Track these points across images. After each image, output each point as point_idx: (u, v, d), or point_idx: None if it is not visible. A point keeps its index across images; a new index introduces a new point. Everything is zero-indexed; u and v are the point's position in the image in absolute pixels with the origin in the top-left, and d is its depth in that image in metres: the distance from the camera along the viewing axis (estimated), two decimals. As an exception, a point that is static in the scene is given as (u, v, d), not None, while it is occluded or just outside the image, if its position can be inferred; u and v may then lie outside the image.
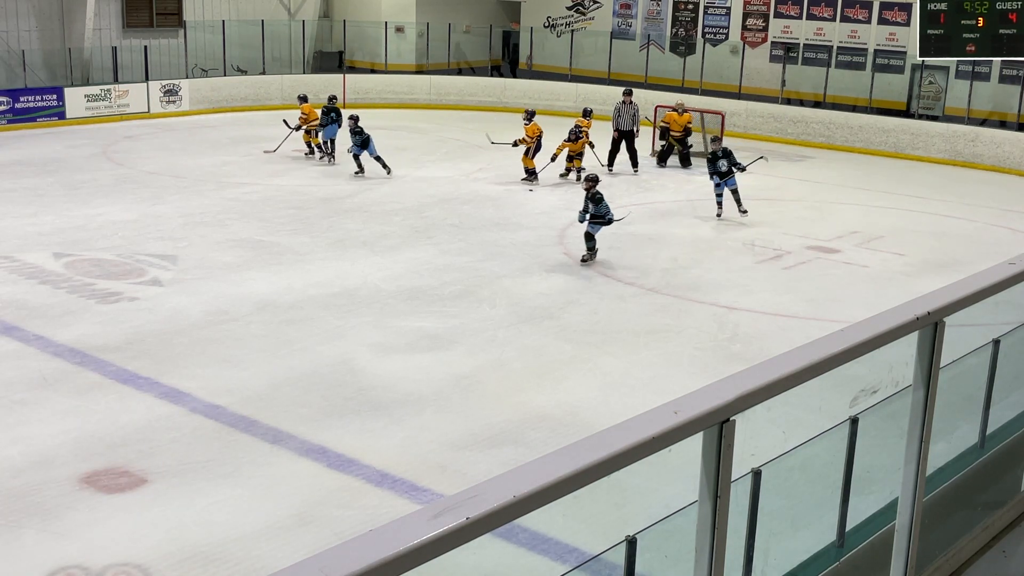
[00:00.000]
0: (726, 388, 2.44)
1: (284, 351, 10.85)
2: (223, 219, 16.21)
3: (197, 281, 13.08)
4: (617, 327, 11.96)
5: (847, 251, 15.56)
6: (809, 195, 19.68)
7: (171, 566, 6.94)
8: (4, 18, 24.71)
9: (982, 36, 6.54)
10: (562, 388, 10.14)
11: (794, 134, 25.67)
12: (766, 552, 3.64)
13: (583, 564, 6.14)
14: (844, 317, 11.29)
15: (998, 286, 3.40)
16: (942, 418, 3.45)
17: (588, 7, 32.08)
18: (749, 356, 10.72)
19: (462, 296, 12.86)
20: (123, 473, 8.18)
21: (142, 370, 10.22)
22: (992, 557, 3.95)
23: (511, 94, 29.18)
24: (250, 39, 28.41)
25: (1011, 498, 4.32)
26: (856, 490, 3.93)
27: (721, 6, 29.49)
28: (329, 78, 28.74)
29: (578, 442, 2.15)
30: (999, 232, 17.27)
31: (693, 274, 14.15)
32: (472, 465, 8.46)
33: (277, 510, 7.69)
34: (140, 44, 26.21)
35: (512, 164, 20.92)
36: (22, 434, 8.78)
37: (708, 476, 2.49)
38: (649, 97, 26.74)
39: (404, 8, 31.46)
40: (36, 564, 6.93)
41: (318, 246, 14.90)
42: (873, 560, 3.72)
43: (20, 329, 11.22)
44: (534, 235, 15.83)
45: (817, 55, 27.54)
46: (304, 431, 9.00)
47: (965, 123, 23.86)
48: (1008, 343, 4.64)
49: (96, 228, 15.41)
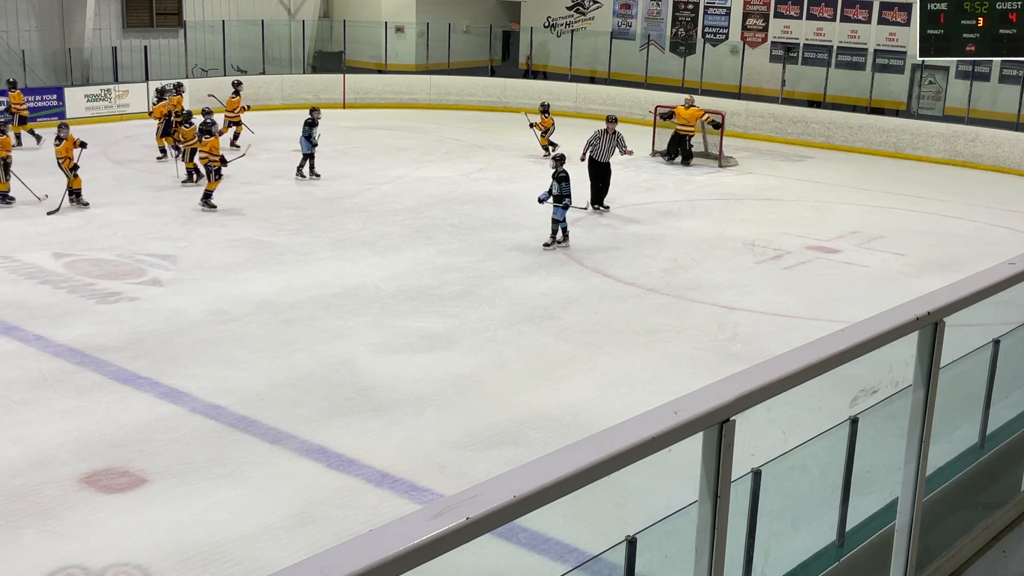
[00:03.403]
0: (726, 388, 2.44)
1: (284, 351, 10.85)
2: (223, 219, 16.21)
3: (197, 281, 13.08)
4: (617, 327, 11.96)
5: (847, 251, 15.56)
6: (809, 195, 19.68)
7: (171, 566, 6.94)
8: (4, 18, 24.72)
9: (982, 36, 6.54)
10: (562, 388, 10.14)
11: (794, 134, 25.67)
12: (766, 552, 3.63)
13: (583, 564, 6.14)
14: (844, 317, 11.29)
15: (998, 286, 3.40)
16: (942, 418, 3.45)
17: (588, 7, 32.08)
18: (749, 356, 10.72)
19: (462, 296, 12.86)
20: (123, 473, 8.18)
21: (142, 370, 10.22)
22: (992, 557, 3.95)
23: (511, 94, 29.19)
24: (250, 39, 28.42)
25: (1011, 498, 4.32)
26: (856, 490, 3.93)
27: (721, 6, 29.49)
28: (329, 78, 28.75)
29: (578, 442, 2.15)
30: (999, 232, 17.27)
31: (693, 274, 14.15)
32: (472, 465, 8.46)
33: (277, 510, 7.69)
34: (140, 44, 26.22)
35: (512, 164, 20.95)
36: (22, 434, 8.78)
37: (708, 476, 2.49)
38: (649, 97, 26.77)
39: (404, 8, 31.48)
40: (36, 564, 6.93)
41: (318, 246, 14.90)
42: (873, 560, 3.72)
43: (20, 329, 11.22)
44: (534, 235, 15.83)
45: (817, 55, 27.55)
46: (304, 431, 9.00)
47: (965, 123, 23.87)
48: (1008, 343, 4.64)
49: (96, 228, 15.41)
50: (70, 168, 16.44)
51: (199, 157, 17.43)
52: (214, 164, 16.86)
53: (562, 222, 15.06)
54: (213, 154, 16.95)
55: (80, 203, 16.47)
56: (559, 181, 14.87)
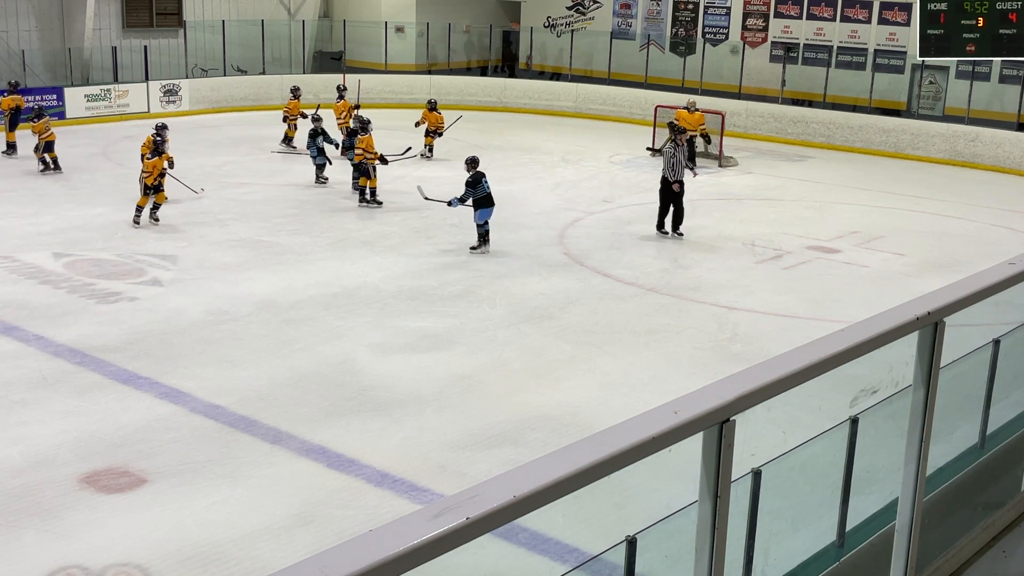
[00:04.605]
0: (726, 388, 2.44)
1: (284, 351, 10.85)
2: (223, 219, 16.21)
3: (197, 281, 13.08)
4: (617, 327, 11.96)
5: (847, 251, 15.56)
6: (809, 195, 19.68)
7: (171, 566, 6.94)
8: (4, 18, 24.71)
9: (982, 36, 6.54)
10: (562, 388, 10.14)
11: (794, 134, 25.67)
12: (766, 552, 3.63)
13: (583, 564, 6.14)
14: (844, 317, 11.29)
15: (998, 286, 3.40)
16: (942, 418, 3.45)
17: (588, 7, 32.07)
18: (749, 356, 10.72)
19: (462, 296, 12.86)
20: (123, 473, 8.18)
21: (142, 370, 10.22)
22: (992, 557, 3.95)
23: (511, 94, 29.19)
24: (250, 39, 28.42)
25: (1011, 498, 4.32)
26: (856, 490, 3.93)
27: (721, 6, 29.49)
28: (329, 78, 28.75)
29: (578, 442, 2.15)
30: (999, 232, 17.27)
31: (693, 274, 14.15)
32: (472, 465, 8.46)
33: (277, 510, 7.69)
34: (140, 44, 26.22)
35: (512, 164, 20.94)
36: (22, 434, 8.78)
37: (708, 476, 2.49)
38: (649, 97, 26.77)
39: (404, 8, 31.47)
40: (36, 564, 6.93)
41: (318, 246, 14.90)
42: (873, 560, 3.72)
43: (20, 329, 11.22)
44: (534, 235, 15.83)
45: (817, 55, 27.55)
46: (304, 431, 9.00)
47: (965, 123, 23.87)
48: (1008, 343, 4.64)
49: (96, 228, 15.41)
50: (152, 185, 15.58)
51: (356, 154, 17.42)
52: (369, 161, 17.06)
53: (483, 225, 14.73)
54: (368, 151, 17.11)
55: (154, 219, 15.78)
56: (471, 186, 14.55)
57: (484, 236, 14.75)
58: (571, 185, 19.76)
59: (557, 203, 18.12)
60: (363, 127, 17.32)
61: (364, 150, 17.06)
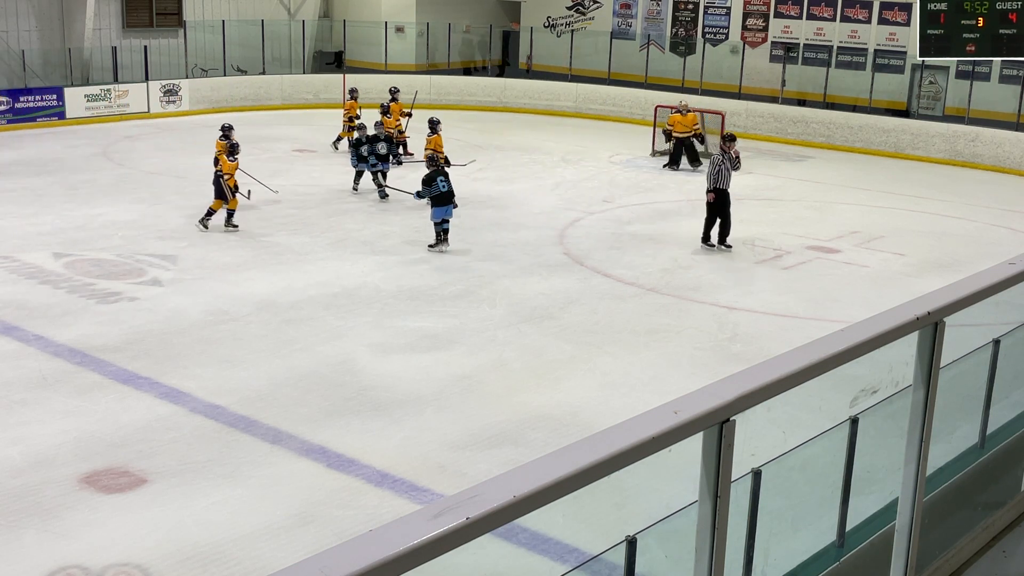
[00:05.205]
0: (726, 388, 2.44)
1: (284, 351, 10.85)
2: (222, 219, 16.18)
3: (197, 281, 13.08)
4: (617, 327, 11.96)
5: (847, 251, 15.56)
6: (809, 195, 19.68)
7: (171, 566, 6.94)
8: (4, 18, 24.71)
9: (982, 36, 6.54)
10: (562, 388, 10.14)
11: (794, 134, 25.68)
12: (766, 552, 3.63)
13: (583, 564, 6.13)
14: (844, 317, 11.29)
15: (998, 286, 3.40)
16: (942, 418, 3.45)
17: (588, 7, 32.08)
18: (749, 356, 10.72)
19: (462, 296, 12.86)
20: (123, 473, 8.18)
21: (142, 370, 10.22)
22: (992, 557, 3.95)
23: (511, 94, 29.19)
24: (250, 39, 28.42)
25: (1011, 498, 4.32)
26: (856, 490, 3.93)
27: (721, 6, 29.49)
28: (329, 78, 28.76)
29: (578, 442, 2.15)
30: (999, 232, 17.27)
31: (693, 274, 14.15)
32: (472, 465, 8.46)
33: (277, 510, 7.69)
34: (140, 44, 26.22)
35: (512, 164, 20.94)
36: (22, 434, 8.78)
37: (708, 476, 2.48)
38: (649, 97, 26.77)
39: (404, 8, 31.47)
40: (36, 564, 6.93)
41: (318, 246, 14.90)
42: (873, 560, 3.72)
43: (20, 329, 11.22)
44: (534, 235, 15.84)
45: (817, 55, 27.56)
46: (304, 431, 9.00)
47: (965, 123, 23.87)
48: (1008, 343, 4.64)
49: (96, 228, 15.41)
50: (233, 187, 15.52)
51: (424, 154, 17.17)
52: (440, 159, 16.72)
53: (440, 224, 14.73)
54: (438, 151, 17.23)
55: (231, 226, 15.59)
56: (426, 184, 14.60)
57: (441, 234, 14.85)
58: (571, 185, 19.76)
59: (557, 203, 18.12)
60: (433, 128, 17.99)
61: (434, 150, 17.14)
